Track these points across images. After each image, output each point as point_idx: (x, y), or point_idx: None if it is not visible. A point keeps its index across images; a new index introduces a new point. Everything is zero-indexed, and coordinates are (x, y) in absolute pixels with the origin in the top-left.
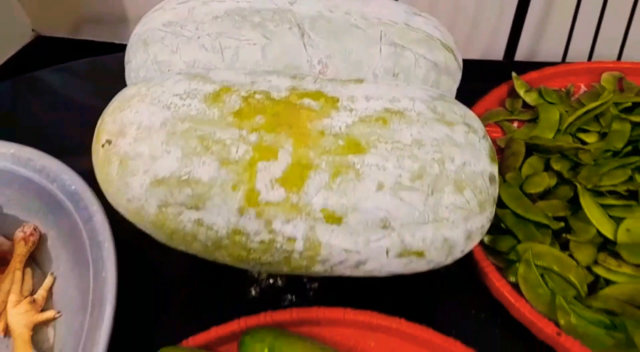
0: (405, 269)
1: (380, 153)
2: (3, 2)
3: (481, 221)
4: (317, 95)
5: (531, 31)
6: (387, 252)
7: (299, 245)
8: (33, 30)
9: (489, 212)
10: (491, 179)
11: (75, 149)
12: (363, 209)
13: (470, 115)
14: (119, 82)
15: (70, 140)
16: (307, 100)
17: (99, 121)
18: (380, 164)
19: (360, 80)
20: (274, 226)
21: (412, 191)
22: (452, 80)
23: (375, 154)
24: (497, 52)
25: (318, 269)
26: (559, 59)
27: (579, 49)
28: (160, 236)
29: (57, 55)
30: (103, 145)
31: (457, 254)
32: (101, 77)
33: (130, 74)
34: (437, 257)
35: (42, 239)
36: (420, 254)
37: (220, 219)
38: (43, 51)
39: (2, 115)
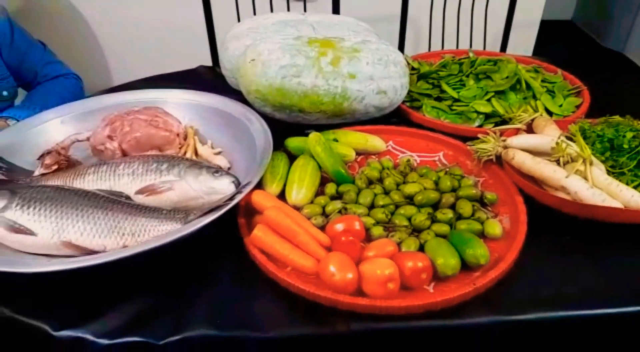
0: (380, 102)
1: (365, 52)
2: None
3: (406, 80)
4: (334, 38)
5: None
6: (372, 91)
7: (338, 90)
8: None
9: (407, 78)
10: (405, 65)
11: None
12: (362, 71)
13: (395, 51)
14: None
15: None
16: (332, 39)
17: (241, 57)
18: (365, 55)
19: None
20: (329, 82)
21: (380, 64)
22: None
23: (363, 51)
24: None
25: (346, 105)
26: None
27: None
28: (277, 96)
29: None
30: (250, 62)
31: (401, 95)
32: None
33: (225, 56)
34: (392, 95)
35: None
36: (385, 93)
37: (308, 81)
38: None
39: None
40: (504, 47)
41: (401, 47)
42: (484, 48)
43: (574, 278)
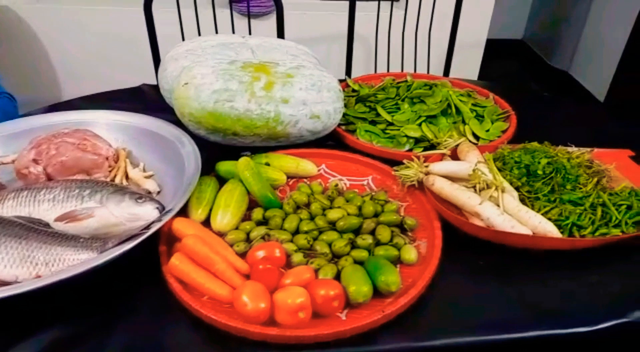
0: (314, 126)
1: (298, 78)
2: None
3: (340, 105)
4: (269, 63)
5: None
6: (305, 116)
7: (271, 114)
8: None
9: (341, 103)
10: (339, 90)
11: None
12: (295, 96)
13: (329, 76)
14: None
15: None
16: (267, 63)
17: (175, 80)
18: (299, 80)
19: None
20: (262, 106)
21: (313, 90)
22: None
23: (297, 77)
24: None
25: (280, 129)
26: None
27: None
28: (210, 120)
29: None
30: (183, 85)
31: (334, 119)
32: None
33: (164, 77)
34: (325, 120)
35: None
36: (318, 117)
37: (241, 105)
38: None
39: None
40: (447, 68)
41: (349, 67)
42: (428, 70)
43: (485, 303)
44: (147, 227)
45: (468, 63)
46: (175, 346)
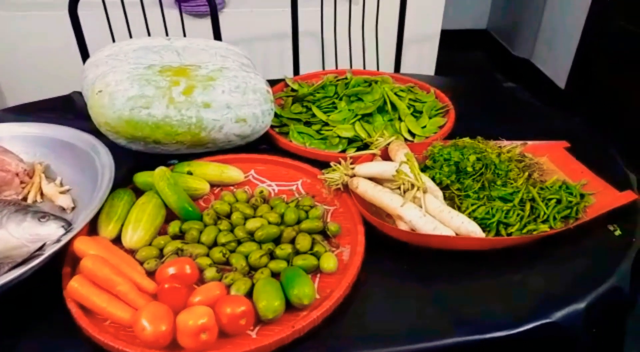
0: (241, 130)
1: (220, 80)
2: None
3: (269, 107)
4: (190, 66)
5: None
6: (230, 120)
7: (193, 119)
8: None
9: (270, 105)
10: (267, 91)
11: None
12: (217, 100)
13: (256, 77)
14: None
15: None
16: (188, 66)
17: (90, 87)
18: (221, 83)
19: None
20: (182, 112)
21: (237, 92)
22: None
23: (219, 79)
24: None
25: (204, 134)
26: None
27: None
28: (128, 128)
29: None
30: (97, 93)
31: (264, 122)
32: None
33: (85, 84)
34: (253, 123)
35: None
36: (245, 121)
37: (159, 112)
38: None
39: None
40: (398, 63)
41: (296, 66)
42: (377, 65)
43: (404, 311)
44: (42, 248)
45: (423, 56)
46: None
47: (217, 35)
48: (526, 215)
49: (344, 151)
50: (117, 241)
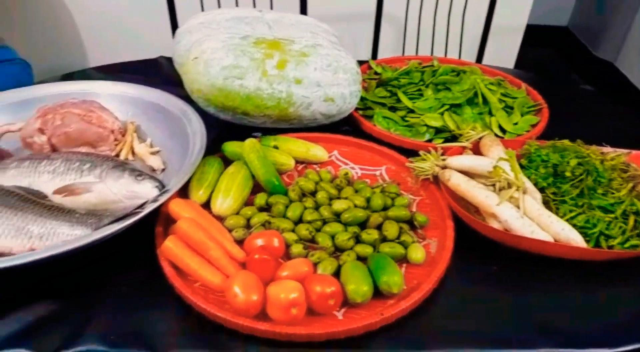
0: (328, 109)
1: (313, 57)
2: None
3: (357, 88)
4: (284, 40)
5: None
6: (319, 98)
7: (283, 94)
8: None
9: (358, 86)
10: (357, 72)
11: None
12: (309, 77)
13: (348, 57)
14: None
15: None
16: (281, 40)
17: (185, 53)
18: (314, 60)
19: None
20: (274, 86)
21: (328, 70)
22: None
23: (312, 56)
24: None
25: (291, 110)
26: None
27: None
28: (220, 97)
29: None
30: (192, 60)
31: (350, 104)
32: None
33: (177, 50)
34: (340, 103)
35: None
36: (333, 100)
37: (251, 83)
38: None
39: None
40: (480, 54)
41: (375, 49)
42: (460, 55)
43: (491, 314)
44: (142, 206)
45: (504, 49)
46: (158, 335)
47: (304, 9)
48: (629, 229)
49: (429, 141)
50: (205, 206)
